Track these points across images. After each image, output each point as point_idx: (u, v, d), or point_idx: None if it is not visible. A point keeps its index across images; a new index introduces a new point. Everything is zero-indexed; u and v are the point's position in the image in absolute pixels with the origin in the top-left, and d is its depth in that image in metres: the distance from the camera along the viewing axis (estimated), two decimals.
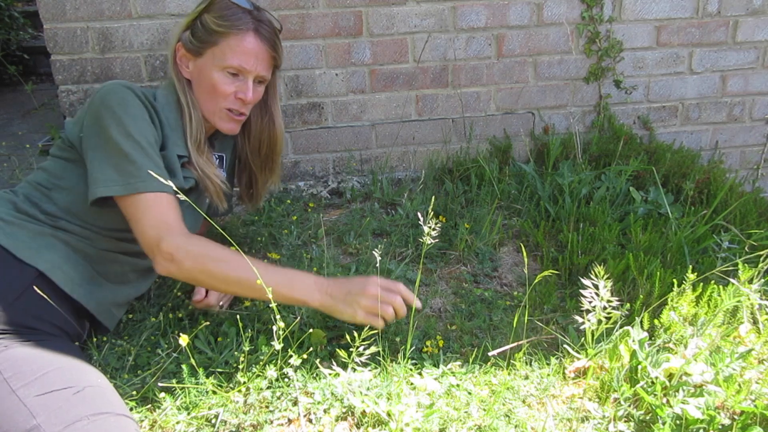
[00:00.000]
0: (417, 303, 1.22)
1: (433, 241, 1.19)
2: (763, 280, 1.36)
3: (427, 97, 2.17)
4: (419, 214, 1.29)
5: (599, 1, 2.16)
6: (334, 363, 1.20)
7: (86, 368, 1.05)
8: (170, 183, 1.11)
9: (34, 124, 3.11)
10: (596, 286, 1.19)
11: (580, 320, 1.22)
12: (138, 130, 1.19)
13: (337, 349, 1.21)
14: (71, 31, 1.87)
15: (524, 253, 1.54)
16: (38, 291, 1.11)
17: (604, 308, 1.18)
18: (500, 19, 2.12)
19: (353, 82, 2.10)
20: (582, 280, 1.23)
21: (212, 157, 1.41)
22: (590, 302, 1.19)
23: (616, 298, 1.20)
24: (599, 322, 1.19)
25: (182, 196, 1.12)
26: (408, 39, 2.08)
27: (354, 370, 1.17)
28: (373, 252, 1.31)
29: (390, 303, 1.17)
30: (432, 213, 1.23)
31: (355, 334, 1.17)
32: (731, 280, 1.33)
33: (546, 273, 1.29)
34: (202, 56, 1.31)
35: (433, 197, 1.48)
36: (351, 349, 1.16)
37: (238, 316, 1.21)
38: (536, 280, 1.41)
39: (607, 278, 1.19)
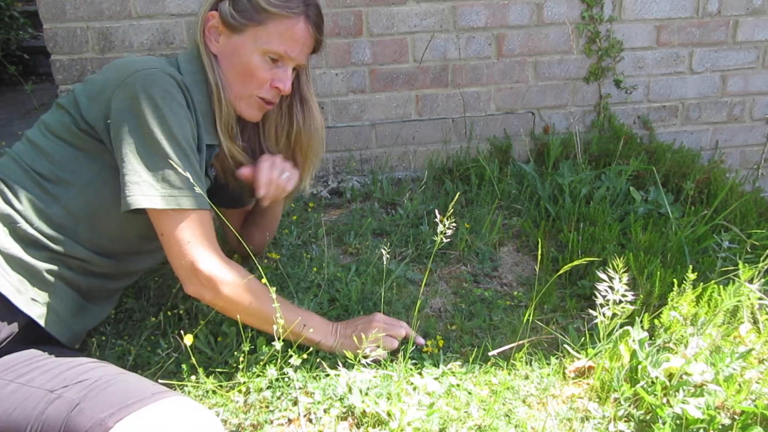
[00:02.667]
0: (420, 340, 1.29)
1: (446, 241, 1.18)
2: (763, 280, 1.36)
3: (427, 96, 2.17)
4: (436, 212, 1.28)
5: (599, 0, 2.16)
6: (339, 364, 1.20)
7: (75, 355, 1.03)
8: (206, 197, 1.08)
9: (34, 123, 3.11)
10: (611, 279, 1.18)
11: (593, 313, 1.21)
12: (181, 130, 1.06)
13: (346, 351, 1.21)
14: (71, 31, 1.87)
15: (539, 251, 1.54)
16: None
17: (619, 302, 1.17)
18: (500, 19, 2.12)
19: (353, 82, 2.10)
20: (598, 273, 1.22)
21: (239, 142, 1.28)
22: (604, 296, 1.17)
23: (632, 293, 1.18)
24: (614, 316, 1.18)
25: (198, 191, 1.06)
26: (408, 39, 2.08)
27: (359, 371, 1.17)
28: (382, 250, 1.31)
29: (394, 336, 1.24)
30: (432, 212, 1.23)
31: (363, 336, 1.19)
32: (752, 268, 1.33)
33: (571, 265, 1.27)
34: (241, 33, 1.16)
35: (458, 194, 1.45)
36: (357, 351, 1.18)
37: (238, 316, 1.21)
38: (562, 269, 1.40)
39: (624, 271, 1.17)
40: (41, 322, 1.04)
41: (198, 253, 1.07)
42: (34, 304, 1.04)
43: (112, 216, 1.10)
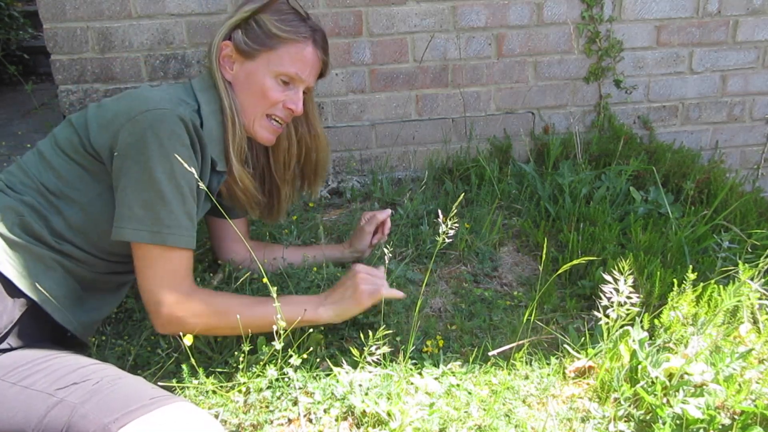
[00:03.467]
0: (399, 294, 1.28)
1: (448, 241, 1.19)
2: (763, 280, 1.36)
3: (427, 96, 2.17)
4: (439, 212, 1.29)
5: (599, 0, 2.16)
6: (344, 362, 1.19)
7: (79, 356, 1.03)
8: (194, 238, 1.12)
9: (34, 124, 3.11)
10: (616, 280, 1.18)
11: (598, 315, 1.21)
12: (181, 170, 1.09)
13: (352, 348, 1.21)
14: (71, 30, 1.87)
15: (543, 252, 1.54)
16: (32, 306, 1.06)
17: (624, 303, 1.17)
18: (500, 19, 2.12)
19: (353, 82, 2.10)
20: (603, 275, 1.22)
21: (249, 168, 1.37)
22: (609, 298, 1.17)
23: (636, 294, 1.18)
24: (618, 317, 1.18)
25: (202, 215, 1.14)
26: (408, 39, 2.08)
27: (363, 368, 1.17)
28: (383, 249, 1.31)
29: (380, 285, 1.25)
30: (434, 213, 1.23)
31: (370, 332, 1.18)
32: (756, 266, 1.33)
33: (571, 264, 1.26)
34: (254, 59, 1.24)
35: (463, 194, 1.45)
36: (364, 348, 1.17)
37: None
38: (562, 269, 1.40)
39: (630, 274, 1.17)
40: (45, 306, 1.06)
41: (161, 291, 1.10)
42: (35, 288, 1.06)
43: (108, 234, 1.13)
